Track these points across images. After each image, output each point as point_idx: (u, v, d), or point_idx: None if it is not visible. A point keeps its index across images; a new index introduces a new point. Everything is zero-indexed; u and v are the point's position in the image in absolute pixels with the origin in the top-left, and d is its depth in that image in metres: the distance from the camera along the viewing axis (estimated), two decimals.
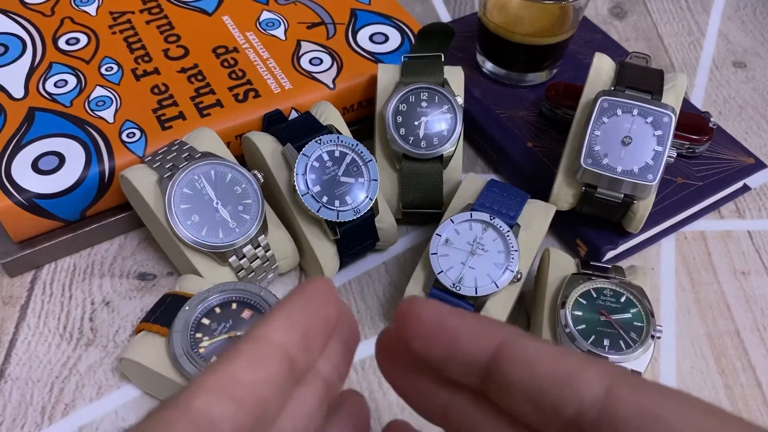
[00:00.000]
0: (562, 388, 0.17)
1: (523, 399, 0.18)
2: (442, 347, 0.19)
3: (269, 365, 0.17)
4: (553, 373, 0.17)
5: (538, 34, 0.52)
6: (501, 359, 0.18)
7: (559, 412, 0.17)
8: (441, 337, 0.19)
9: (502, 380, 0.18)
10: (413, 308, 0.19)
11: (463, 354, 0.18)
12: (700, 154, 0.50)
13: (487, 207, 0.41)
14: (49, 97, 0.48)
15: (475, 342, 0.18)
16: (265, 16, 0.56)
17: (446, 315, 0.19)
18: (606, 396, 0.17)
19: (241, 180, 0.42)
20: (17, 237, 0.45)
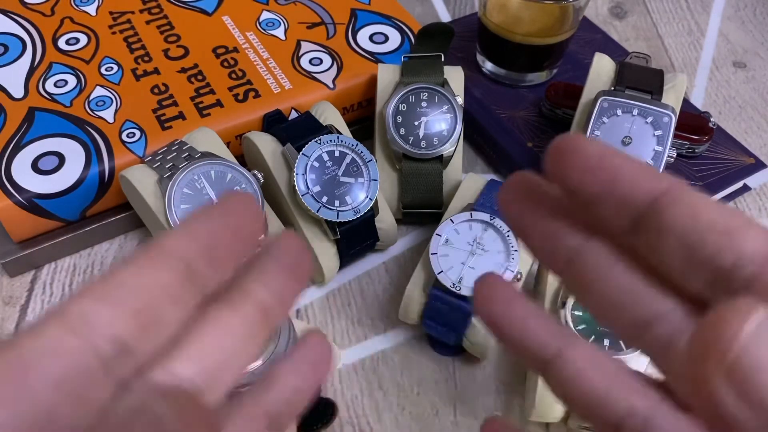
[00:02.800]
0: (724, 238, 0.16)
1: (679, 245, 0.17)
2: (603, 182, 0.18)
3: (159, 270, 0.16)
4: (719, 223, 0.17)
5: (538, 34, 0.52)
6: (665, 202, 0.17)
7: (713, 262, 0.16)
8: (604, 171, 0.18)
9: (660, 223, 0.17)
10: (575, 141, 0.18)
11: (625, 191, 0.17)
12: (700, 154, 0.50)
13: (487, 207, 0.41)
14: (49, 97, 0.48)
15: (640, 181, 0.17)
16: (265, 16, 0.56)
17: (611, 152, 0.18)
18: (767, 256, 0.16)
19: (241, 180, 0.42)
20: (17, 237, 0.45)
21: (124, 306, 0.16)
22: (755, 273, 0.16)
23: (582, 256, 0.19)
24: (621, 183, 0.17)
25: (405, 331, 0.44)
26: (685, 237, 0.17)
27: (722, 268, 0.16)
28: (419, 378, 0.42)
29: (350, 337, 0.44)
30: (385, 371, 0.42)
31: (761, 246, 0.16)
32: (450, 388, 0.42)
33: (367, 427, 0.40)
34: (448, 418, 0.40)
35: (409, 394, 0.41)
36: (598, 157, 0.18)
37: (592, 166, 0.18)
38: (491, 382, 0.42)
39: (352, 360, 0.43)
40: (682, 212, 0.17)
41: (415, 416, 0.40)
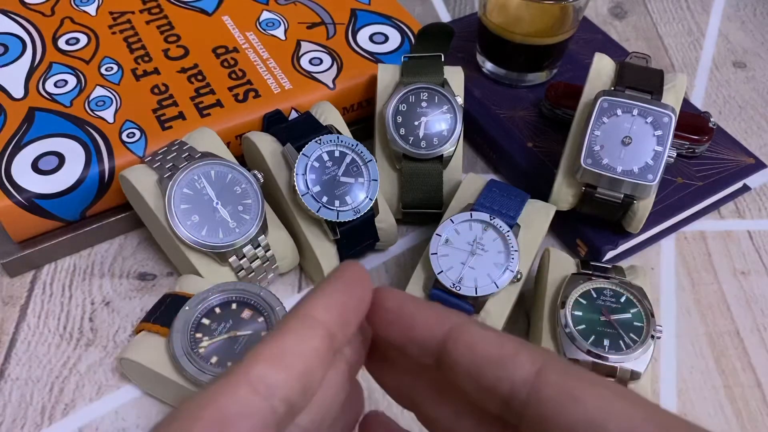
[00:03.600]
0: (498, 369, 0.19)
1: (467, 378, 0.20)
2: (402, 330, 0.21)
3: (314, 338, 0.19)
4: (491, 355, 0.19)
5: (538, 34, 0.52)
6: (449, 342, 0.20)
7: (495, 390, 0.19)
8: (401, 322, 0.21)
9: (449, 361, 0.20)
10: (378, 296, 0.21)
11: (419, 337, 0.21)
12: (700, 154, 0.50)
13: (487, 207, 0.41)
14: (49, 97, 0.48)
15: (428, 326, 0.20)
16: (265, 16, 0.56)
17: (406, 302, 0.21)
18: (535, 379, 0.19)
19: (241, 180, 0.42)
20: (17, 237, 0.45)
21: (293, 370, 0.18)
22: (529, 393, 0.19)
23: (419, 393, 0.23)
24: (416, 330, 0.21)
25: None
26: (469, 371, 0.20)
27: (503, 396, 0.19)
28: None
29: None
30: None
31: (528, 369, 0.19)
32: None
33: None
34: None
35: None
36: (396, 309, 0.21)
37: (392, 319, 0.21)
38: None
39: None
40: (462, 349, 0.20)
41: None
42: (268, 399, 0.18)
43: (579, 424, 0.18)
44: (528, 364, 0.19)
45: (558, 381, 0.19)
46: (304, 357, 0.19)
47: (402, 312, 0.21)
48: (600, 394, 0.18)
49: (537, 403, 0.18)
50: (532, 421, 0.19)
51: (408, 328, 0.21)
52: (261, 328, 0.37)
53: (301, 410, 0.19)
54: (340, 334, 0.20)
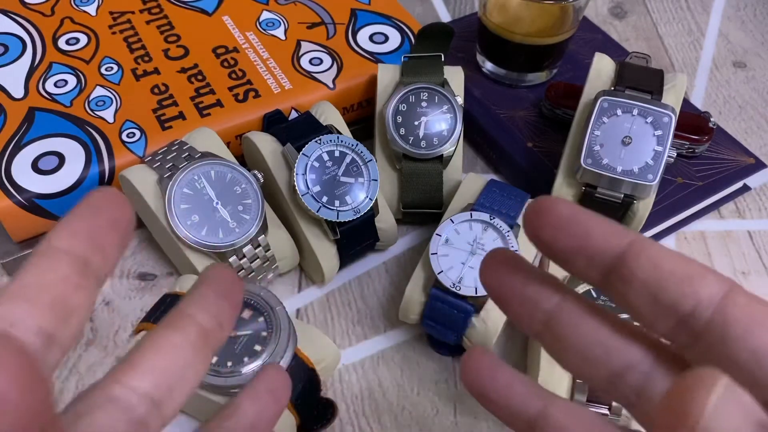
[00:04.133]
0: (684, 286, 0.18)
1: (644, 294, 0.19)
2: (575, 239, 0.20)
3: (57, 267, 0.18)
4: (677, 271, 0.19)
5: (538, 34, 0.52)
6: (630, 255, 0.19)
7: (676, 308, 0.18)
8: (574, 230, 0.20)
9: (627, 275, 0.19)
10: (549, 203, 0.20)
11: (594, 247, 0.20)
12: (700, 154, 0.50)
13: (487, 207, 0.41)
14: (49, 97, 0.48)
15: (607, 237, 0.19)
16: (265, 16, 0.56)
17: (580, 211, 0.20)
18: (722, 299, 0.18)
19: (241, 180, 0.42)
20: (17, 237, 0.45)
21: (40, 301, 0.18)
22: (713, 314, 0.18)
23: (556, 317, 0.21)
24: (591, 239, 0.20)
25: (405, 331, 0.44)
26: (648, 286, 0.19)
27: (684, 313, 0.18)
28: (419, 378, 0.42)
29: (350, 337, 0.44)
30: (385, 371, 0.42)
31: (716, 290, 0.18)
32: (450, 388, 0.42)
33: (367, 427, 0.40)
34: (448, 418, 0.40)
35: (409, 394, 0.41)
36: (569, 217, 0.20)
37: (564, 225, 0.20)
38: None
39: (352, 360, 0.43)
40: (645, 264, 0.19)
41: (415, 416, 0.40)
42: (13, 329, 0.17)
43: (764, 349, 0.17)
44: (716, 284, 0.18)
45: (747, 304, 0.18)
46: (51, 287, 0.18)
47: (576, 220, 0.20)
48: None
49: (722, 324, 0.18)
50: (709, 343, 0.18)
51: (582, 236, 0.20)
52: (261, 328, 0.37)
53: (72, 338, 0.18)
54: (96, 257, 0.19)
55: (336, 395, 0.41)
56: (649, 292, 0.19)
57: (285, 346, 0.36)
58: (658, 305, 0.19)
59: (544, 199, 0.20)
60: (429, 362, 0.43)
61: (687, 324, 0.18)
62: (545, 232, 0.20)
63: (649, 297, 0.19)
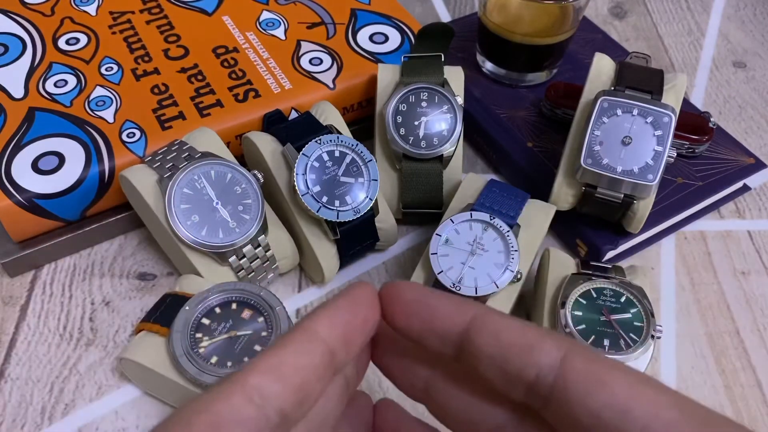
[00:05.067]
0: (524, 356, 0.19)
1: (491, 366, 0.20)
2: (422, 322, 0.21)
3: (313, 354, 0.19)
4: (516, 342, 0.20)
5: (538, 34, 0.52)
6: (472, 331, 0.20)
7: (521, 377, 0.20)
8: (421, 313, 0.21)
9: (473, 349, 0.20)
10: (397, 289, 0.22)
11: (440, 327, 0.21)
12: (700, 154, 0.50)
13: (487, 207, 0.41)
14: (49, 97, 0.48)
15: (450, 317, 0.21)
16: (265, 16, 0.56)
17: (425, 294, 0.21)
18: (561, 363, 0.19)
19: (241, 180, 0.42)
20: (17, 237, 0.45)
21: (289, 382, 0.19)
22: (555, 379, 0.19)
23: (433, 385, 0.23)
24: (437, 320, 0.21)
25: None
26: (494, 359, 0.20)
27: (529, 381, 0.19)
28: None
29: None
30: None
31: (554, 355, 0.19)
32: None
33: None
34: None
35: None
36: (416, 300, 0.21)
37: (413, 309, 0.21)
38: None
39: None
40: (487, 338, 0.20)
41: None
42: (261, 408, 0.18)
43: (605, 409, 0.18)
44: (554, 350, 0.19)
45: (584, 366, 0.19)
46: (302, 371, 0.19)
47: (422, 303, 0.21)
48: (625, 380, 0.18)
49: (563, 389, 0.19)
50: (557, 406, 0.19)
51: (428, 319, 0.21)
52: (261, 328, 0.37)
53: (295, 422, 0.19)
54: (342, 353, 0.20)
55: None
56: (496, 364, 0.20)
57: None
58: (506, 375, 0.20)
59: (392, 285, 0.22)
60: None
61: (535, 390, 0.20)
62: (398, 319, 0.21)
63: (497, 369, 0.20)
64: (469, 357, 0.20)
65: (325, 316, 0.20)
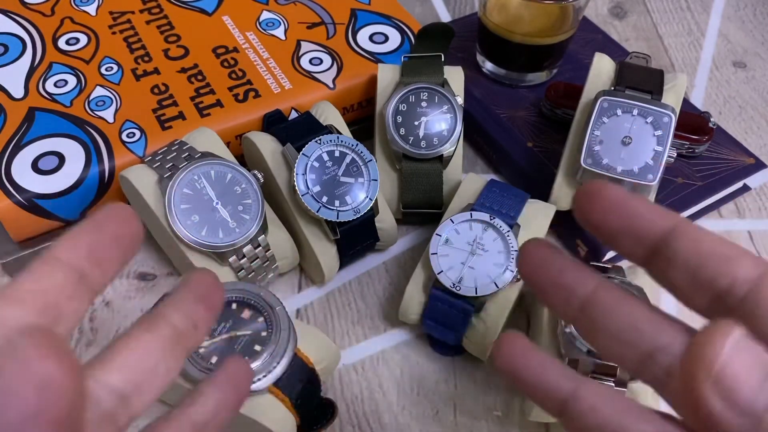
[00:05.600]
0: (722, 265, 0.20)
1: (685, 271, 0.20)
2: (623, 220, 0.21)
3: (53, 275, 0.20)
4: (717, 252, 0.20)
5: (538, 34, 0.52)
6: (674, 236, 0.21)
7: (713, 285, 0.20)
8: (624, 212, 0.21)
9: (670, 253, 0.21)
10: (598, 186, 0.22)
11: (640, 228, 0.21)
12: (700, 154, 0.50)
13: (487, 207, 0.41)
14: (49, 97, 0.48)
15: (653, 219, 0.21)
16: (265, 16, 0.56)
17: (627, 195, 0.22)
18: (757, 279, 0.19)
19: (241, 180, 0.42)
20: (17, 237, 0.45)
21: (31, 305, 0.19)
22: (748, 292, 0.19)
23: (591, 303, 0.22)
24: (638, 220, 0.21)
25: (405, 331, 0.44)
26: (690, 264, 0.20)
27: (720, 290, 0.20)
28: (419, 378, 0.42)
29: (350, 337, 0.44)
30: (385, 371, 0.42)
31: (752, 271, 0.19)
32: (450, 388, 0.42)
33: (367, 427, 0.40)
34: (448, 418, 0.40)
35: (409, 394, 0.41)
36: (619, 200, 0.21)
37: (614, 208, 0.21)
38: (491, 382, 0.42)
39: (352, 360, 0.43)
40: (688, 244, 0.20)
41: (415, 416, 0.40)
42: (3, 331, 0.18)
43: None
44: (752, 267, 0.20)
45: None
46: (42, 293, 0.19)
47: (624, 202, 0.21)
48: None
49: (754, 302, 0.19)
50: (741, 317, 0.19)
51: (631, 216, 0.21)
52: (261, 328, 0.37)
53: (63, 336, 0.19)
54: (94, 271, 0.20)
55: (336, 395, 0.41)
56: (690, 269, 0.20)
57: (285, 346, 0.36)
58: (696, 282, 0.20)
59: (594, 182, 0.22)
60: (429, 362, 0.43)
61: (722, 300, 0.20)
62: (596, 214, 0.22)
63: (689, 274, 0.20)
64: (663, 261, 0.21)
65: (65, 239, 0.20)
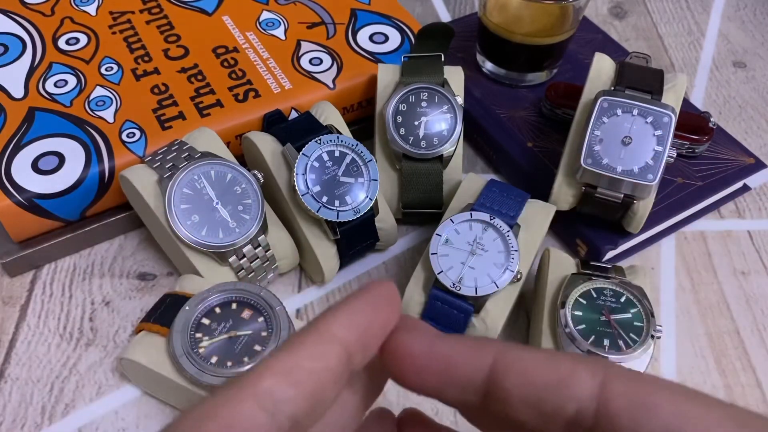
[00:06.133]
0: (559, 392, 0.18)
1: (525, 408, 0.18)
2: (438, 374, 0.19)
3: (329, 356, 0.18)
4: (548, 378, 0.18)
5: (538, 34, 0.52)
6: (497, 375, 0.19)
7: (559, 415, 0.18)
8: (435, 366, 0.19)
9: (501, 394, 0.19)
10: (402, 344, 0.20)
11: (460, 377, 0.19)
12: (700, 154, 0.50)
13: (487, 207, 0.41)
14: (49, 97, 0.48)
15: (469, 363, 0.19)
16: (265, 16, 0.56)
17: (434, 342, 0.19)
18: (600, 391, 0.17)
19: (241, 180, 0.42)
20: (17, 237, 0.45)
21: (303, 387, 0.17)
22: (597, 409, 0.17)
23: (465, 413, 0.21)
24: (455, 368, 0.19)
25: None
26: (526, 401, 0.18)
27: (570, 417, 0.18)
28: None
29: None
30: None
31: (591, 384, 0.18)
32: None
33: None
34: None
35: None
36: (426, 354, 0.19)
37: (424, 364, 0.19)
38: None
39: None
40: (516, 380, 0.18)
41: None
42: (274, 415, 0.17)
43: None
44: (589, 378, 0.18)
45: (626, 390, 0.17)
46: (317, 375, 0.18)
47: (433, 354, 0.19)
48: (672, 399, 0.17)
49: (608, 419, 0.17)
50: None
51: (445, 370, 0.19)
52: (261, 328, 0.37)
53: (306, 429, 0.18)
54: (359, 356, 0.19)
55: None
56: (530, 406, 0.18)
57: None
58: (543, 416, 0.18)
59: (395, 339, 0.20)
60: None
61: (577, 424, 0.18)
62: (410, 378, 0.20)
63: (532, 410, 0.18)
64: (498, 402, 0.19)
65: (344, 315, 0.19)
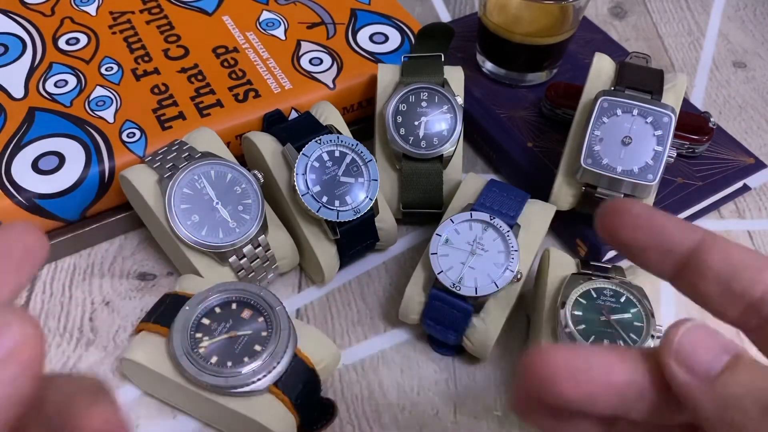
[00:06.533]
0: (754, 275, 0.21)
1: (716, 283, 0.21)
2: (650, 236, 0.22)
3: None
4: (747, 262, 0.21)
5: (538, 34, 0.52)
6: (702, 249, 0.21)
7: (745, 295, 0.21)
8: (650, 228, 0.22)
9: (700, 266, 0.21)
10: (623, 203, 0.23)
11: (670, 243, 0.22)
12: (700, 154, 0.50)
13: (487, 207, 0.41)
14: (49, 97, 0.48)
15: (680, 233, 0.22)
16: (265, 16, 0.56)
17: (653, 211, 0.22)
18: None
19: (241, 180, 0.42)
20: None
21: None
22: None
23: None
24: (666, 236, 0.22)
25: (405, 331, 0.44)
26: (721, 276, 0.21)
27: (754, 299, 0.21)
28: (419, 378, 0.42)
29: (350, 337, 0.44)
30: (385, 371, 0.42)
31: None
32: (450, 388, 0.42)
33: (367, 427, 0.40)
34: (448, 418, 0.40)
35: (409, 394, 0.41)
36: (645, 217, 0.22)
37: (641, 224, 0.22)
38: (491, 382, 0.42)
39: (352, 360, 0.43)
40: (718, 256, 0.21)
41: (415, 416, 0.40)
42: None
43: None
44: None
45: None
46: None
47: (651, 219, 0.22)
48: None
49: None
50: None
51: (659, 232, 0.22)
52: (261, 328, 0.37)
53: None
54: None
55: (336, 395, 0.41)
56: (722, 281, 0.21)
57: (285, 346, 0.36)
58: (729, 293, 0.21)
59: (619, 200, 0.23)
60: (429, 362, 0.43)
61: (755, 310, 0.21)
62: (623, 231, 0.22)
63: (721, 286, 0.21)
64: (693, 274, 0.21)
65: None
